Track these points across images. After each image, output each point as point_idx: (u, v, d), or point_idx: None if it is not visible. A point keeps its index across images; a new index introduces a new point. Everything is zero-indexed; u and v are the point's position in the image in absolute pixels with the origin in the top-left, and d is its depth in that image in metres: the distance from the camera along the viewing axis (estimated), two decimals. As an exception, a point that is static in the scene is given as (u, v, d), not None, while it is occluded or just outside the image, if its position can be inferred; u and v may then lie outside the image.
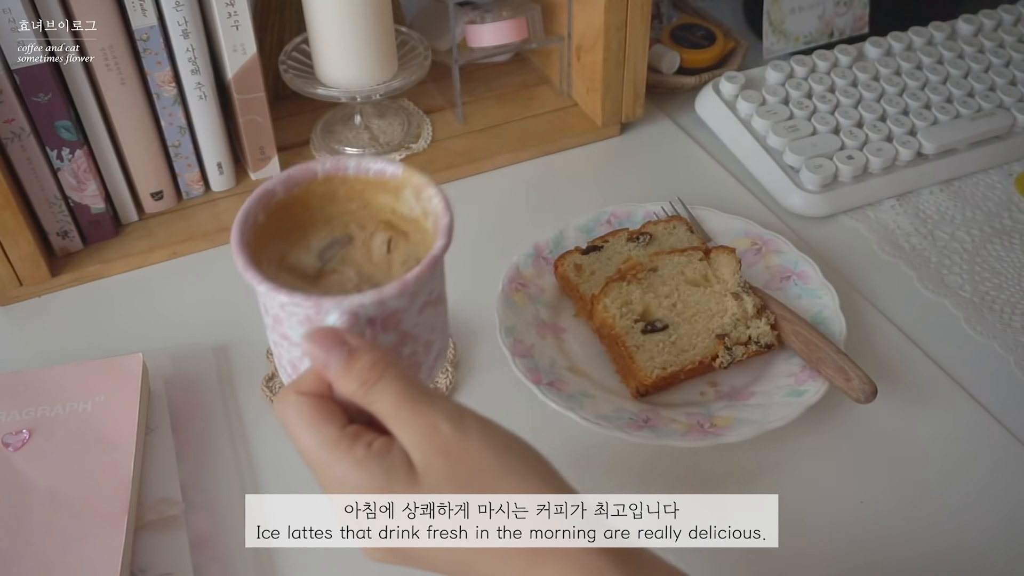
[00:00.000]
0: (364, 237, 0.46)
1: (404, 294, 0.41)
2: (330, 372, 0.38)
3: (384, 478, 0.37)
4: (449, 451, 0.37)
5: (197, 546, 0.49)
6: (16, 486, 0.49)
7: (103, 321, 0.63)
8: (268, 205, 0.45)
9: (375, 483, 0.37)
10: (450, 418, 0.37)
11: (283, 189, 0.45)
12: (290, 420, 0.38)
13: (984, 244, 0.68)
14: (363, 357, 0.38)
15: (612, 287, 0.58)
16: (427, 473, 0.37)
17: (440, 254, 0.42)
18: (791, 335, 0.57)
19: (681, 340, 0.56)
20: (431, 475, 0.37)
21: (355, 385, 0.38)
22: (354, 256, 0.46)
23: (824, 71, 0.78)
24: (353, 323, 0.41)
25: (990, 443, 0.55)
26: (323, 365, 0.38)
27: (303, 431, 0.38)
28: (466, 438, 0.37)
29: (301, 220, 0.47)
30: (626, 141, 0.78)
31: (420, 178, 0.45)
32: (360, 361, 0.38)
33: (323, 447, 0.38)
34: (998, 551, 0.50)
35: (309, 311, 0.41)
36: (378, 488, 0.37)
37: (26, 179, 0.61)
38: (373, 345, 0.39)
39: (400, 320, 0.43)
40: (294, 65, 0.70)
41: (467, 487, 0.37)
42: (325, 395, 0.39)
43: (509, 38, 0.76)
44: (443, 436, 0.37)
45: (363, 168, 0.46)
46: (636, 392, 0.56)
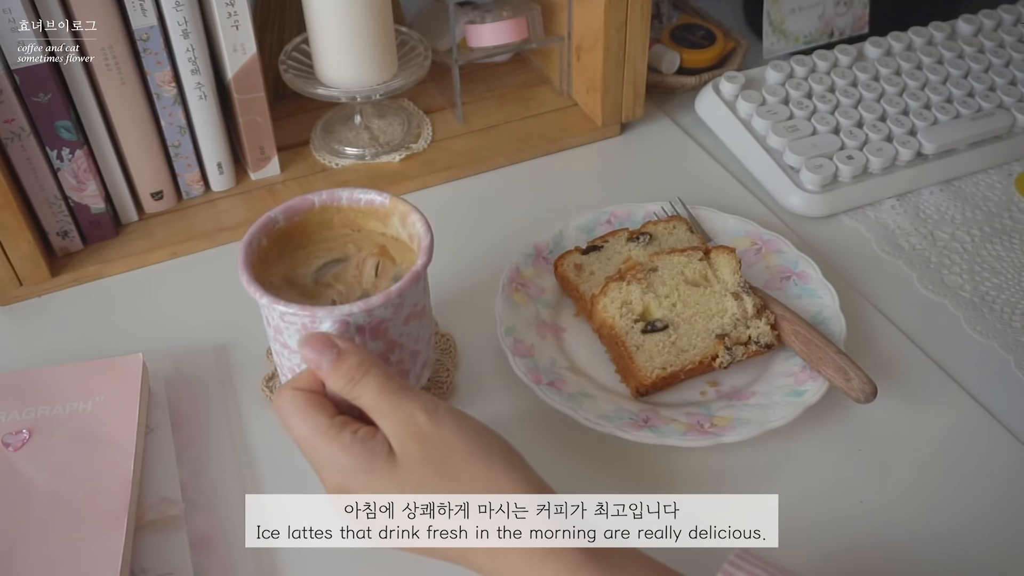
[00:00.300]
0: (358, 259, 0.53)
1: (389, 304, 0.48)
2: (322, 371, 0.43)
3: (367, 460, 0.42)
4: (423, 437, 0.42)
5: (197, 546, 0.49)
6: (16, 486, 0.49)
7: (103, 321, 0.63)
8: (271, 231, 0.52)
9: (359, 464, 0.42)
10: (425, 409, 0.42)
11: (284, 217, 0.52)
12: (286, 412, 0.44)
13: (984, 244, 0.68)
14: (350, 358, 0.43)
15: (612, 287, 0.58)
16: (404, 457, 0.42)
17: (421, 270, 0.49)
18: (791, 335, 0.57)
19: (681, 340, 0.56)
20: (407, 459, 0.42)
21: (343, 382, 0.43)
22: (348, 275, 0.52)
23: (824, 71, 0.78)
24: (344, 331, 0.46)
25: (990, 443, 0.55)
26: (316, 365, 0.43)
27: (298, 420, 0.43)
28: (439, 426, 0.42)
29: (302, 243, 0.54)
30: (626, 141, 0.78)
31: (405, 206, 0.52)
32: (348, 361, 0.43)
33: (315, 434, 0.43)
34: (999, 551, 0.50)
35: (305, 320, 0.47)
36: (361, 469, 0.42)
37: (26, 179, 0.61)
38: (359, 348, 0.44)
39: (387, 329, 0.49)
40: (294, 65, 0.70)
41: (439, 468, 0.42)
42: (318, 391, 0.44)
43: (509, 38, 0.76)
44: (418, 424, 0.42)
45: (355, 199, 0.53)
46: (636, 392, 0.56)
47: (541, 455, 0.54)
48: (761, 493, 0.52)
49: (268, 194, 0.71)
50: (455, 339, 0.60)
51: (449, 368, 0.58)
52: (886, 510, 0.51)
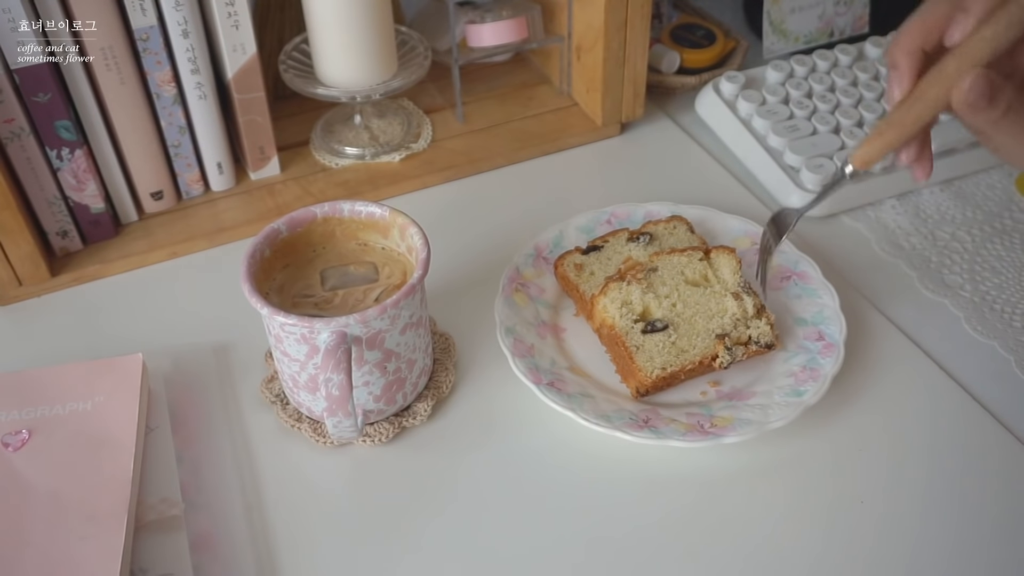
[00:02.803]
0: (351, 266, 0.54)
1: (385, 316, 0.49)
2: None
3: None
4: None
5: (197, 546, 0.49)
6: (16, 486, 0.49)
7: (103, 321, 0.63)
8: (274, 242, 0.53)
9: None
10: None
11: (287, 229, 0.54)
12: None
13: (984, 244, 0.68)
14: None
15: (612, 287, 0.58)
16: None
17: (417, 283, 0.50)
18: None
19: (681, 340, 0.56)
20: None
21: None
22: (348, 285, 0.53)
23: (824, 71, 0.78)
24: (341, 341, 0.47)
25: (991, 443, 0.55)
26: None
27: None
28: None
29: (305, 254, 0.55)
30: (626, 141, 0.78)
31: (404, 219, 0.54)
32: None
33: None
34: (999, 552, 0.50)
35: (304, 331, 0.48)
36: None
37: (26, 179, 0.61)
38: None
39: (384, 339, 0.50)
40: (294, 65, 0.70)
41: None
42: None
43: (509, 38, 0.76)
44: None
45: (356, 211, 0.55)
46: (636, 392, 0.56)
47: (541, 455, 0.54)
48: (761, 493, 0.52)
49: (268, 194, 0.71)
50: (455, 339, 0.60)
51: (449, 368, 0.58)
52: (886, 510, 0.51)
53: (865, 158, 0.49)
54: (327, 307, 0.52)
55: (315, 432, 0.54)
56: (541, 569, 0.49)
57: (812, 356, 0.57)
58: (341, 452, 0.54)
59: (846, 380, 0.57)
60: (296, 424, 0.55)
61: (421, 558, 0.49)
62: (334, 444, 0.54)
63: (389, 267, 0.54)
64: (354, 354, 0.49)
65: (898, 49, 0.47)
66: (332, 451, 0.54)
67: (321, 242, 0.55)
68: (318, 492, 0.53)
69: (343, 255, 0.55)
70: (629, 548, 0.50)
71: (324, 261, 0.55)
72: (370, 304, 0.52)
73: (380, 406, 0.53)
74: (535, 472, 0.53)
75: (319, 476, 0.53)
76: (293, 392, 0.54)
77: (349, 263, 0.54)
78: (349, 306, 0.52)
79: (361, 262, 0.54)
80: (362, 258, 0.55)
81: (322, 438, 0.54)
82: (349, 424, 0.48)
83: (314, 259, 0.55)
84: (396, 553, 0.50)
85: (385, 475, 0.53)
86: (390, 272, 0.54)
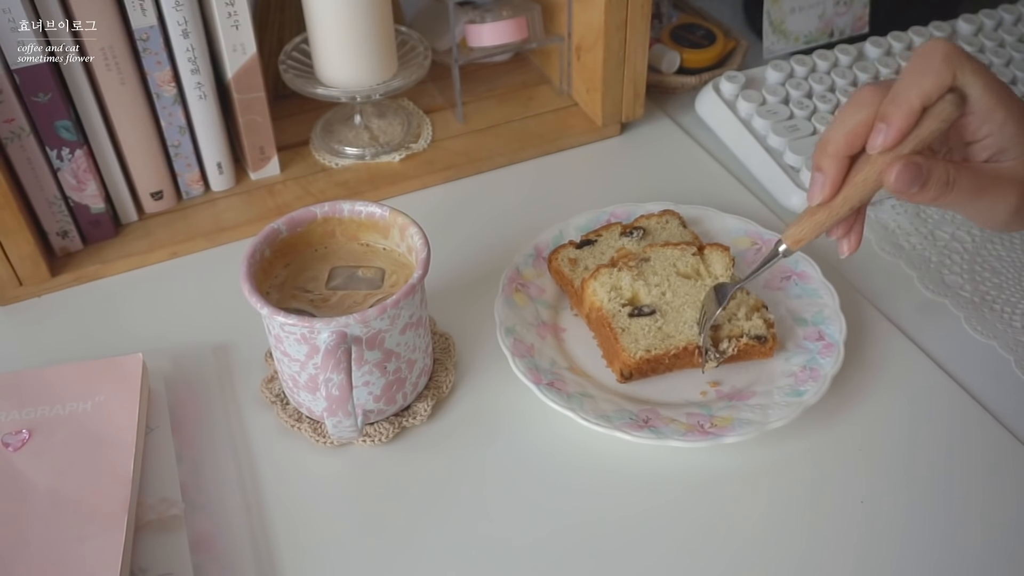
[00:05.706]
0: (360, 270, 0.54)
1: (385, 316, 0.49)
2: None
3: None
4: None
5: (197, 546, 0.49)
6: (16, 486, 0.49)
7: (103, 321, 0.63)
8: (274, 242, 0.53)
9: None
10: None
11: (287, 229, 0.54)
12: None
13: (984, 244, 0.68)
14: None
15: (603, 272, 0.58)
16: None
17: (417, 283, 0.50)
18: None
19: (668, 326, 0.56)
20: None
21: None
22: (350, 284, 0.53)
23: (824, 71, 0.78)
24: (341, 341, 0.47)
25: (991, 443, 0.55)
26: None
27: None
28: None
29: (305, 254, 0.55)
30: (626, 141, 0.78)
31: (404, 219, 0.54)
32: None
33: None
34: (999, 552, 0.50)
35: (304, 331, 0.48)
36: None
37: (26, 179, 0.61)
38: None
39: (384, 339, 0.50)
40: (294, 65, 0.70)
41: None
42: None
43: (509, 38, 0.76)
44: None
45: (356, 211, 0.55)
46: (620, 375, 0.56)
47: (541, 455, 0.54)
48: (761, 493, 0.52)
49: (268, 194, 0.71)
50: (455, 339, 0.60)
51: (448, 368, 0.58)
52: (886, 510, 0.51)
53: (797, 237, 0.49)
54: (323, 306, 0.52)
55: (315, 432, 0.54)
56: (541, 569, 0.49)
57: (812, 356, 0.57)
58: (341, 452, 0.54)
59: (846, 380, 0.57)
60: (296, 424, 0.55)
61: (421, 558, 0.49)
62: (334, 444, 0.54)
63: (396, 275, 0.54)
64: (354, 354, 0.49)
65: (823, 154, 0.48)
66: (332, 451, 0.54)
67: (321, 242, 0.55)
68: (318, 492, 0.53)
69: (354, 255, 0.55)
70: (629, 548, 0.50)
71: (337, 258, 0.55)
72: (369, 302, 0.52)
73: (380, 406, 0.53)
74: (535, 472, 0.53)
75: (319, 476, 0.53)
76: (293, 392, 0.54)
77: (360, 265, 0.54)
78: (345, 307, 0.52)
79: (369, 266, 0.54)
80: (371, 261, 0.55)
81: (322, 438, 0.54)
82: (349, 424, 0.48)
83: (318, 258, 0.55)
84: (396, 553, 0.50)
85: (385, 475, 0.53)
86: (395, 282, 0.53)
